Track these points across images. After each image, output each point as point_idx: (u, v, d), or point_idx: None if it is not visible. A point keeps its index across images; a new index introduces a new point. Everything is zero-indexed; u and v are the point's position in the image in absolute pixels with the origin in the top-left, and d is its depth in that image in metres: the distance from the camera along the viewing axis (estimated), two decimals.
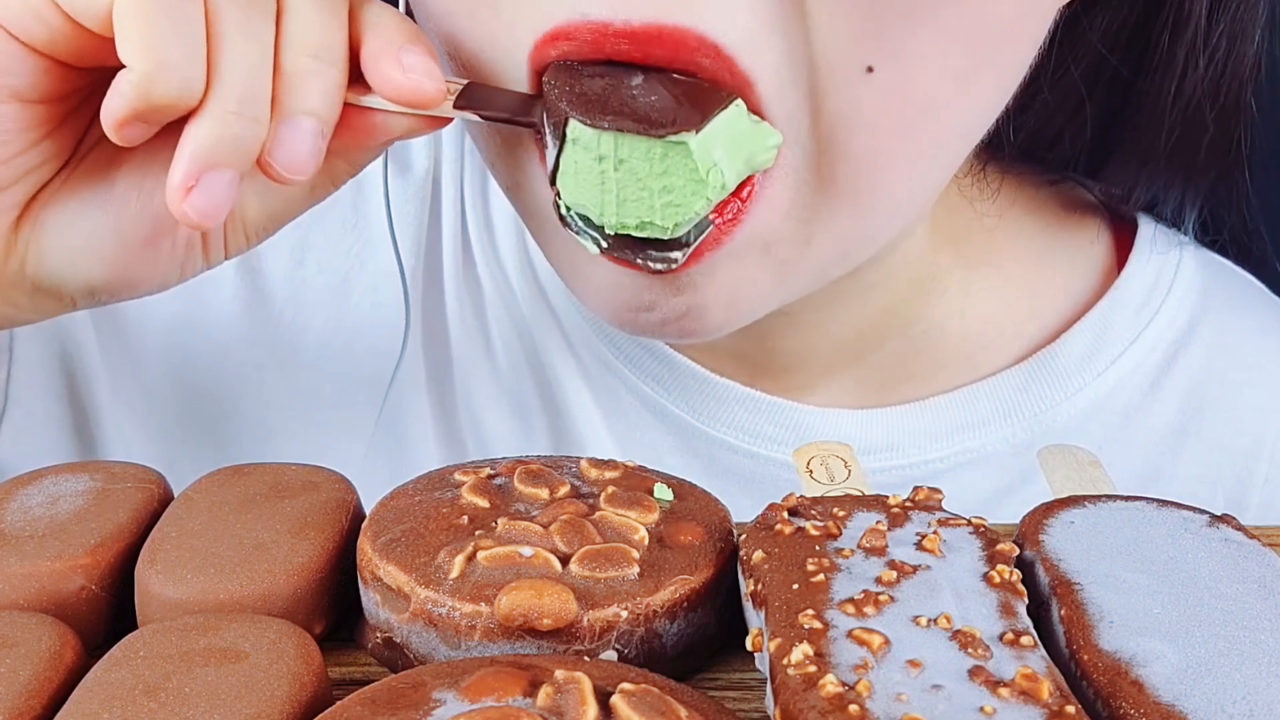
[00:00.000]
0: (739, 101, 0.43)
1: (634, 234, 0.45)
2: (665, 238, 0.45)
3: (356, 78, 0.44)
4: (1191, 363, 0.63)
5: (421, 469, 0.62)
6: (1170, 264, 0.63)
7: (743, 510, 0.43)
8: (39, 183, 0.45)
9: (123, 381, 0.63)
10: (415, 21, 0.47)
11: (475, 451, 0.64)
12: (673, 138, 0.42)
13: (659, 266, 0.45)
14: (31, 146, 0.44)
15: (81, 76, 0.44)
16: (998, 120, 0.50)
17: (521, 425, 0.64)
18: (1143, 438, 0.62)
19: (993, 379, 0.61)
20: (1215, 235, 0.66)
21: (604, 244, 0.45)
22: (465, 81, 0.46)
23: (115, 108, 0.40)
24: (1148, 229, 0.64)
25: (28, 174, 0.44)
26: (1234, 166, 0.61)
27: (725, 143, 0.43)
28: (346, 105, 0.44)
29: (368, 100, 0.45)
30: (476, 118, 0.45)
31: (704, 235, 0.45)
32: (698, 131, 0.42)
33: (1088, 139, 0.61)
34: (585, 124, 0.43)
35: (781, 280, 0.48)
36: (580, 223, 0.46)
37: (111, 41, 0.40)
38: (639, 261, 0.45)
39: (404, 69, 0.43)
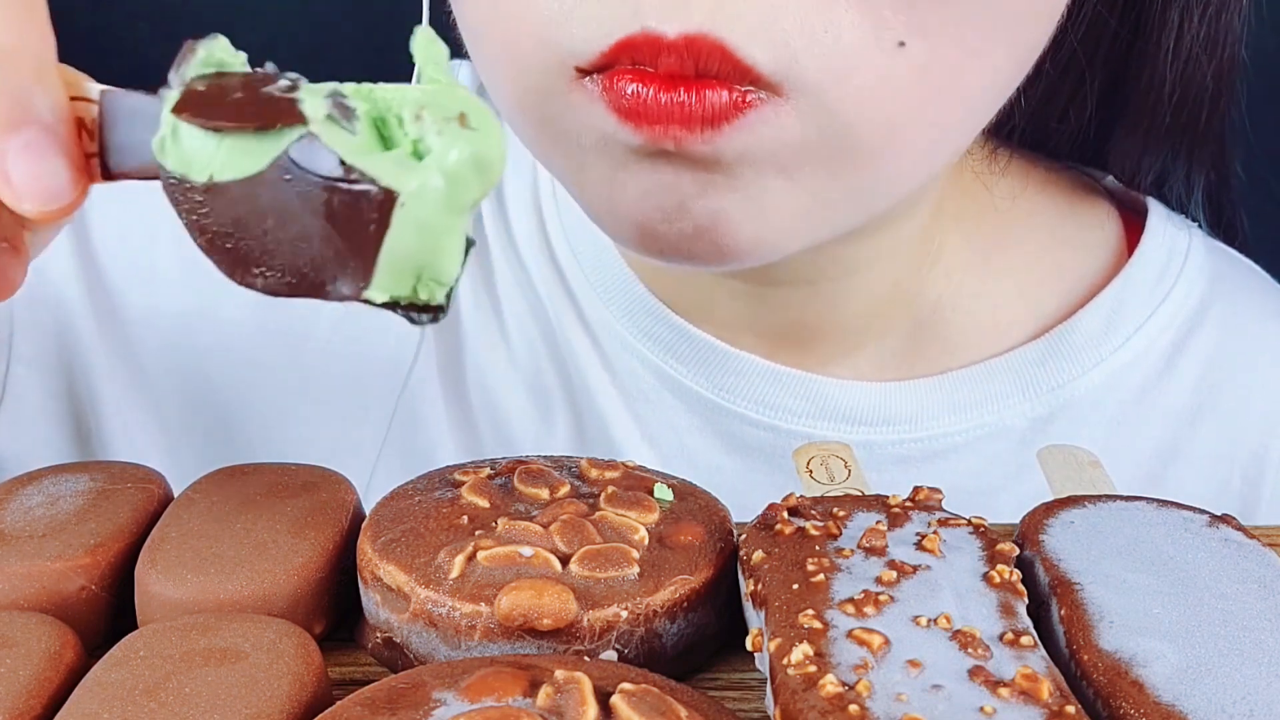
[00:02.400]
0: (403, 198, 0.32)
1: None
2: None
3: None
4: (1204, 342, 0.64)
5: (436, 453, 0.62)
6: (1181, 246, 0.65)
7: (764, 486, 0.43)
8: None
9: (127, 371, 0.63)
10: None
11: (490, 435, 0.64)
12: (351, 300, 0.33)
13: (424, 318, 0.35)
14: None
15: None
16: (1009, 100, 0.51)
17: (539, 407, 0.64)
18: (1159, 415, 0.63)
19: (1010, 354, 0.62)
20: (1217, 224, 0.66)
21: None
22: (96, 98, 0.35)
23: None
24: (1159, 210, 0.65)
25: None
26: (1219, 142, 0.62)
27: (423, 236, 0.33)
28: None
29: None
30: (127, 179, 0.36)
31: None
32: (368, 284, 0.33)
33: (1092, 111, 0.61)
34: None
35: (808, 209, 0.48)
36: None
37: None
38: (399, 312, 0.36)
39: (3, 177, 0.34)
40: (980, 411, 0.62)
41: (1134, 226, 0.66)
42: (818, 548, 0.38)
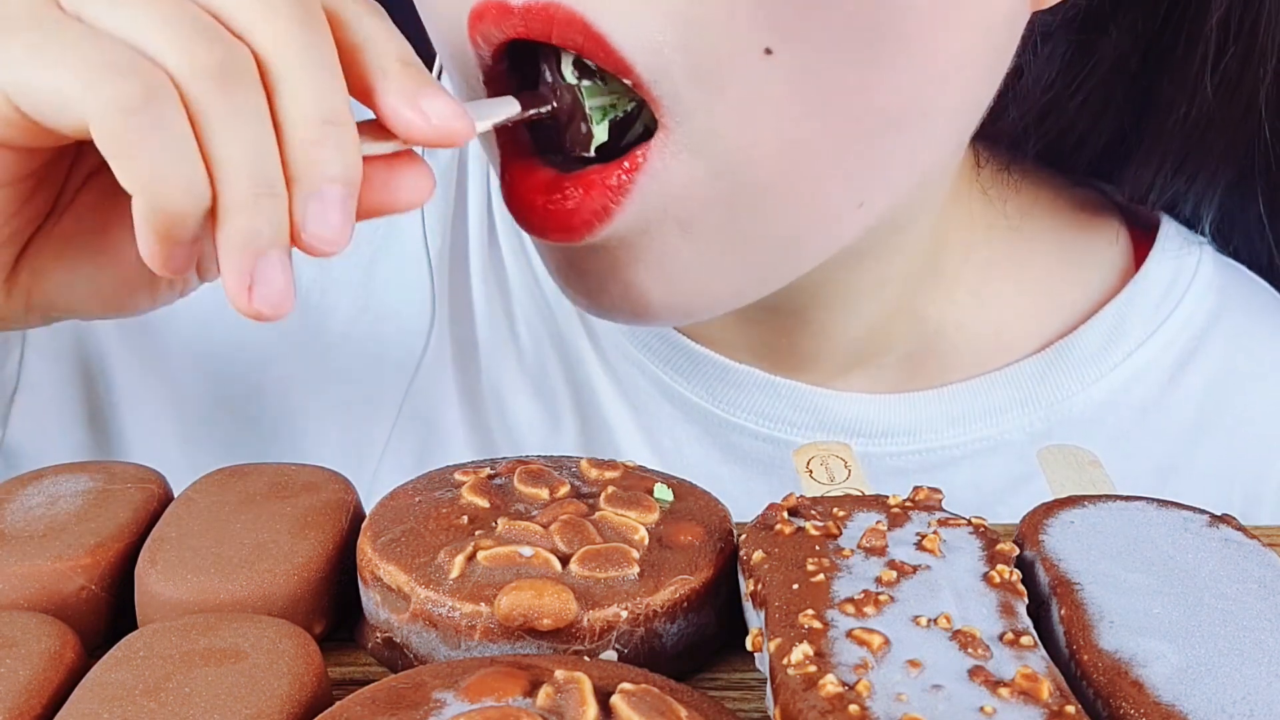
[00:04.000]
0: None
1: None
2: None
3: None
4: (1209, 360, 0.63)
5: (447, 451, 0.62)
6: (1189, 264, 0.64)
7: (764, 496, 0.43)
8: (23, 241, 0.43)
9: (142, 364, 0.63)
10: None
11: (501, 435, 0.64)
12: None
13: None
14: (8, 220, 0.42)
15: (55, 147, 0.41)
16: (1023, 124, 0.50)
17: (546, 410, 0.64)
18: (1159, 431, 0.63)
19: (1010, 368, 0.62)
20: (1228, 243, 0.66)
21: None
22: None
23: (142, 245, 0.38)
24: (1168, 227, 0.65)
25: (10, 239, 0.42)
26: (1252, 160, 0.62)
27: None
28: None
29: (382, 147, 0.41)
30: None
31: None
32: None
33: (1112, 131, 0.61)
34: None
35: (729, 268, 0.48)
36: None
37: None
38: None
39: (427, 116, 0.40)
40: (978, 424, 0.61)
41: (1143, 244, 0.65)
42: (818, 548, 0.38)
